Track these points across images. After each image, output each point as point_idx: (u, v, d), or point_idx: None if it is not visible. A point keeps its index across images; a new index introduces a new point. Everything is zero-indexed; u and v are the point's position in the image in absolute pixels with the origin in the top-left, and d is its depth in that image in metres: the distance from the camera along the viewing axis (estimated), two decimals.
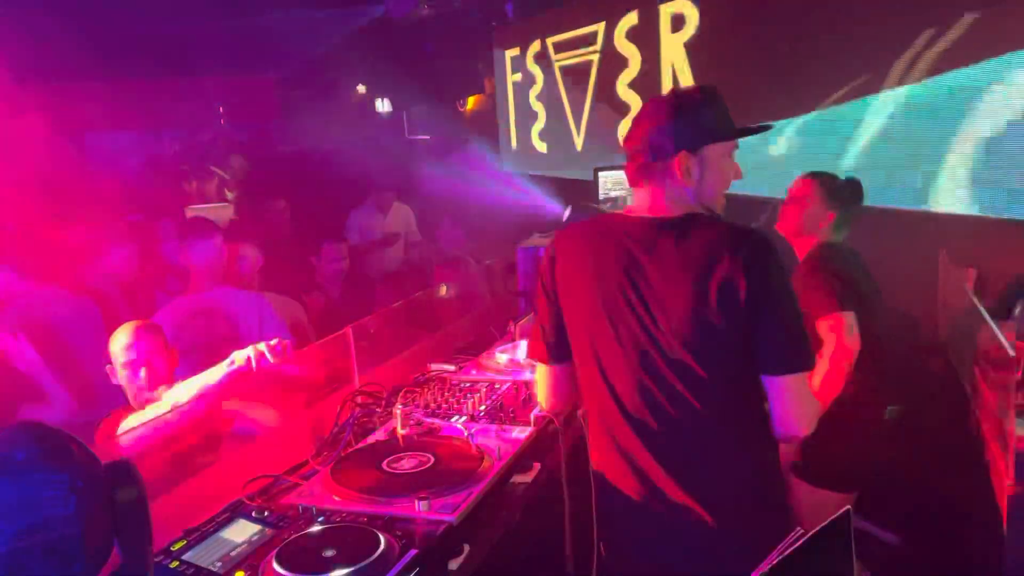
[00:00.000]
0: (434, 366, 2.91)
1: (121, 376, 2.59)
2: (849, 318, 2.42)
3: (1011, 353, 2.10)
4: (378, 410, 2.46)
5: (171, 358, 2.65)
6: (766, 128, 1.80)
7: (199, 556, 1.60)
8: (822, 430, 1.71)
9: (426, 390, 2.60)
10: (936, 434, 3.08)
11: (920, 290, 3.26)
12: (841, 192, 2.66)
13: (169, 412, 2.31)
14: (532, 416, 2.26)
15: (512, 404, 2.40)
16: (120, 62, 7.41)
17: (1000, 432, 2.22)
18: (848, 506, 1.14)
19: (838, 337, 2.41)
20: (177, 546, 1.64)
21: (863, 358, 2.44)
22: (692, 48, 4.72)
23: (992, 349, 2.25)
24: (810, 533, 1.11)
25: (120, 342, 2.58)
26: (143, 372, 2.53)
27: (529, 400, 2.42)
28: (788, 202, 2.71)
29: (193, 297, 3.25)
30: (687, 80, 4.75)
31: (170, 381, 2.63)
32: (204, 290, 3.26)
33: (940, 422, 3.05)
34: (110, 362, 2.61)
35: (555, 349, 1.83)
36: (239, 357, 2.53)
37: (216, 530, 1.71)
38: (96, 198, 4.93)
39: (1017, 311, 2.70)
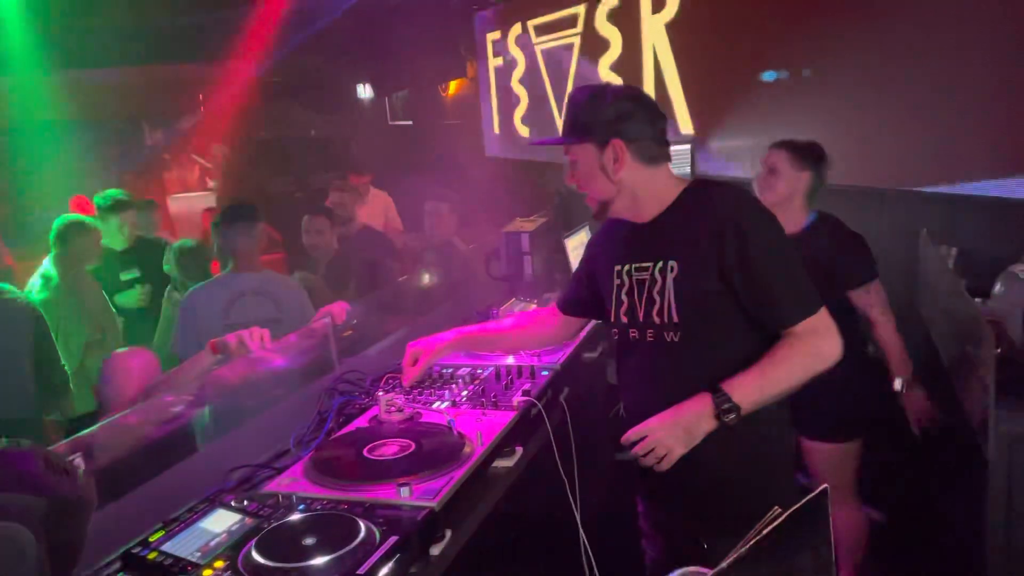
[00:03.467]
0: None
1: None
2: None
3: (990, 330, 2.11)
4: (360, 397, 2.45)
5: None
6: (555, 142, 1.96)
7: (177, 547, 1.58)
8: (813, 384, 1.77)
9: None
10: None
11: (901, 268, 3.27)
12: (809, 153, 2.81)
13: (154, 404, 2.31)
14: (515, 401, 2.26)
15: (494, 389, 2.40)
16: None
17: (979, 408, 2.23)
18: (825, 485, 1.14)
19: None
20: (155, 537, 1.62)
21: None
22: (673, 29, 4.70)
23: (972, 326, 2.25)
24: (787, 512, 1.11)
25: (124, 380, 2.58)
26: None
27: (511, 385, 2.42)
28: (766, 175, 2.82)
29: (243, 276, 3.31)
30: (668, 62, 4.73)
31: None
32: (250, 270, 3.34)
33: None
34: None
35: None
36: (220, 347, 2.52)
37: (195, 520, 1.69)
38: None
39: (996, 289, 2.71)
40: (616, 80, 5.39)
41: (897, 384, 2.73)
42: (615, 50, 5.36)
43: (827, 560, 1.19)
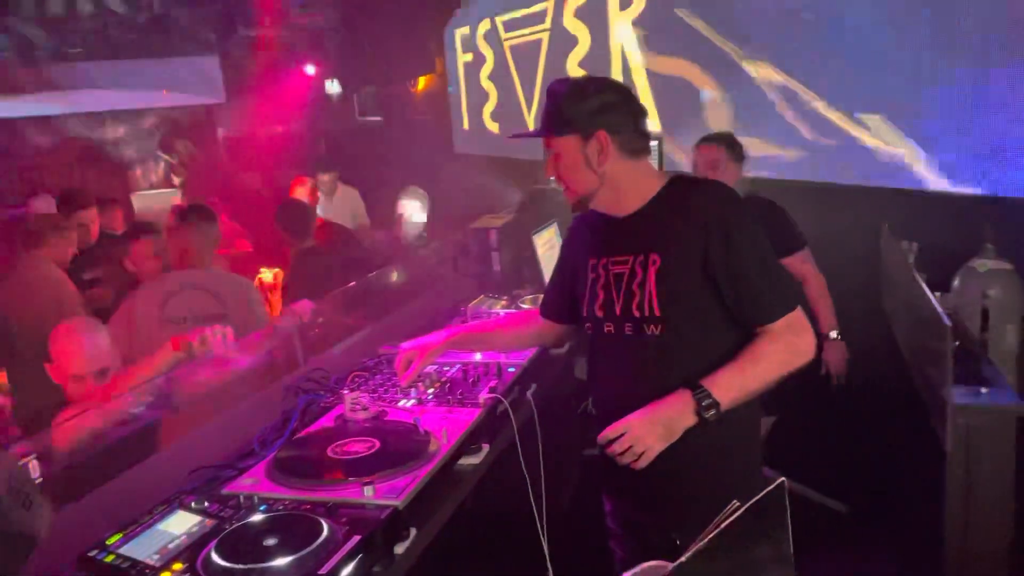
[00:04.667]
0: (384, 350, 2.88)
1: (65, 384, 2.57)
2: None
3: (948, 324, 2.14)
4: (325, 396, 2.43)
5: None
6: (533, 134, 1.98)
7: (135, 549, 1.56)
8: None
9: (375, 374, 2.57)
10: (879, 403, 3.15)
11: (864, 264, 3.31)
12: (740, 146, 3.10)
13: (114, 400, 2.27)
14: (481, 399, 2.25)
15: (461, 387, 2.39)
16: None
17: (938, 400, 2.27)
18: (783, 477, 1.15)
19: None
20: (112, 539, 1.59)
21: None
22: (640, 25, 4.71)
23: (931, 320, 2.29)
24: (746, 505, 1.12)
25: (75, 358, 2.53)
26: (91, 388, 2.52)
27: (478, 382, 2.41)
28: (708, 170, 3.04)
29: (186, 272, 3.31)
30: (636, 58, 4.74)
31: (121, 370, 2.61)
32: (194, 267, 3.34)
33: (882, 391, 3.12)
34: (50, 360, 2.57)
35: None
36: (182, 344, 2.49)
37: (154, 522, 1.66)
38: None
39: (955, 284, 2.76)
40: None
41: (833, 334, 3.10)
42: (583, 46, 5.37)
43: (786, 551, 1.21)
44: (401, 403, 2.29)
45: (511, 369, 2.49)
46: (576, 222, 2.10)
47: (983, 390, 2.23)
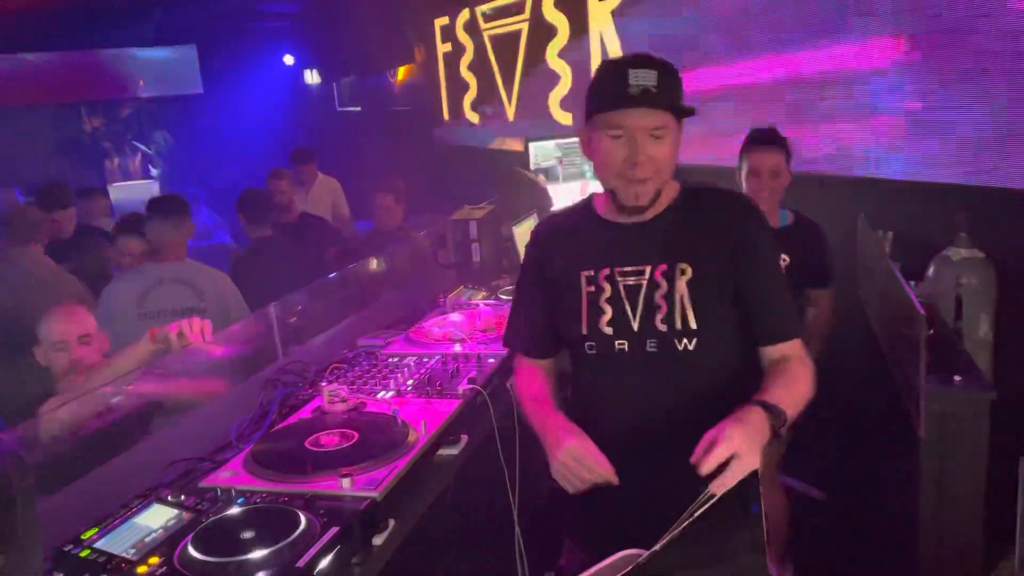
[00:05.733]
0: (362, 341, 2.88)
1: (51, 359, 2.59)
2: None
3: (922, 312, 2.16)
4: (303, 388, 2.42)
5: (101, 339, 2.68)
6: (637, 106, 1.58)
7: (111, 544, 1.55)
8: None
9: (354, 366, 2.56)
10: (854, 391, 3.18)
11: (840, 253, 3.33)
12: (790, 147, 2.86)
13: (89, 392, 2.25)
14: (460, 390, 2.25)
15: (440, 378, 2.39)
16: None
17: (912, 387, 2.29)
18: (755, 467, 1.16)
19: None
20: (88, 534, 1.58)
21: None
22: (619, 15, 4.71)
23: (905, 308, 2.31)
24: (719, 494, 1.13)
25: (55, 325, 2.55)
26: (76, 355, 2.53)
27: (457, 373, 2.41)
28: (768, 179, 2.80)
29: (162, 265, 3.31)
30: (615, 49, 4.74)
31: (100, 361, 2.59)
32: (171, 260, 3.34)
33: (858, 379, 3.15)
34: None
35: None
36: (160, 336, 2.47)
37: (130, 516, 1.65)
38: None
39: (930, 272, 2.79)
40: (565, 68, 5.39)
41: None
42: (563, 37, 5.36)
43: (759, 540, 1.22)
44: (380, 394, 2.29)
45: (491, 360, 2.50)
46: (544, 232, 1.84)
47: (956, 378, 2.26)
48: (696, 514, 1.12)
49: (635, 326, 1.65)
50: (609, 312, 1.67)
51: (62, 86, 8.81)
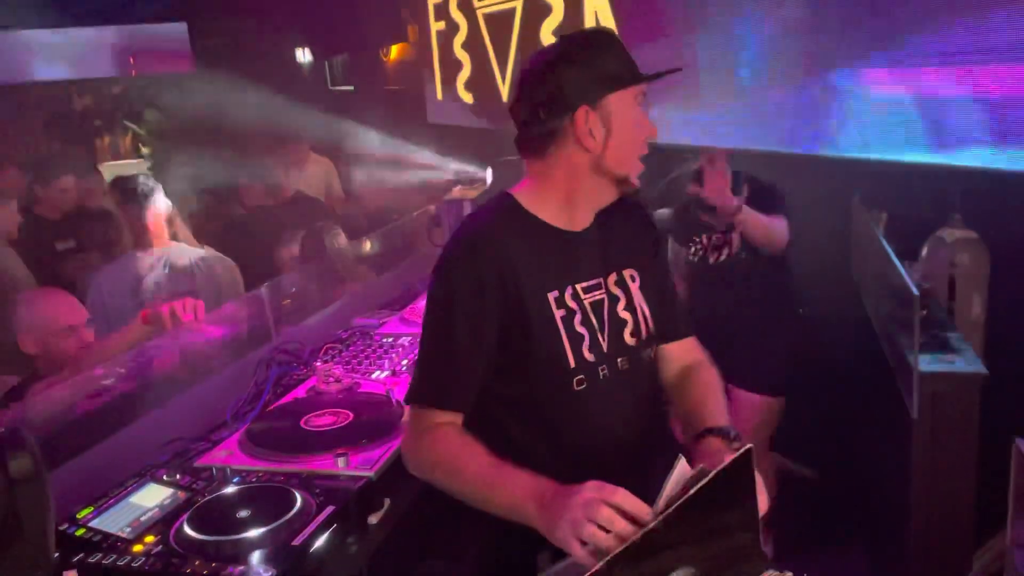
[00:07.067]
0: (357, 322, 2.87)
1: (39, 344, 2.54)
2: None
3: (915, 292, 2.17)
4: (298, 368, 2.42)
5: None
6: (674, 71, 1.51)
7: (107, 522, 1.55)
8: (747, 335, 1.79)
9: (348, 346, 2.56)
10: (847, 371, 3.20)
11: (834, 234, 3.34)
12: None
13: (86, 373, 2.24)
14: None
15: None
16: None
17: (905, 367, 2.30)
18: (750, 444, 1.16)
19: None
20: (83, 513, 1.58)
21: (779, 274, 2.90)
22: None
23: (899, 288, 2.32)
24: (714, 471, 1.14)
25: (49, 310, 2.51)
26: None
27: None
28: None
29: (149, 251, 3.24)
30: (610, 26, 4.71)
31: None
32: (156, 246, 3.26)
33: (851, 359, 3.16)
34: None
35: None
36: (152, 317, 2.46)
37: (126, 495, 1.66)
38: None
39: (923, 252, 2.79)
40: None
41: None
42: (557, 15, 5.32)
43: (753, 516, 1.23)
44: (374, 375, 2.29)
45: None
46: (493, 245, 1.46)
47: (949, 358, 2.27)
48: (691, 491, 1.13)
49: (605, 347, 1.50)
50: (586, 336, 1.48)
51: (50, 63, 8.71)
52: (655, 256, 1.65)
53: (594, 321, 1.49)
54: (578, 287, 1.49)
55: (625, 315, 1.52)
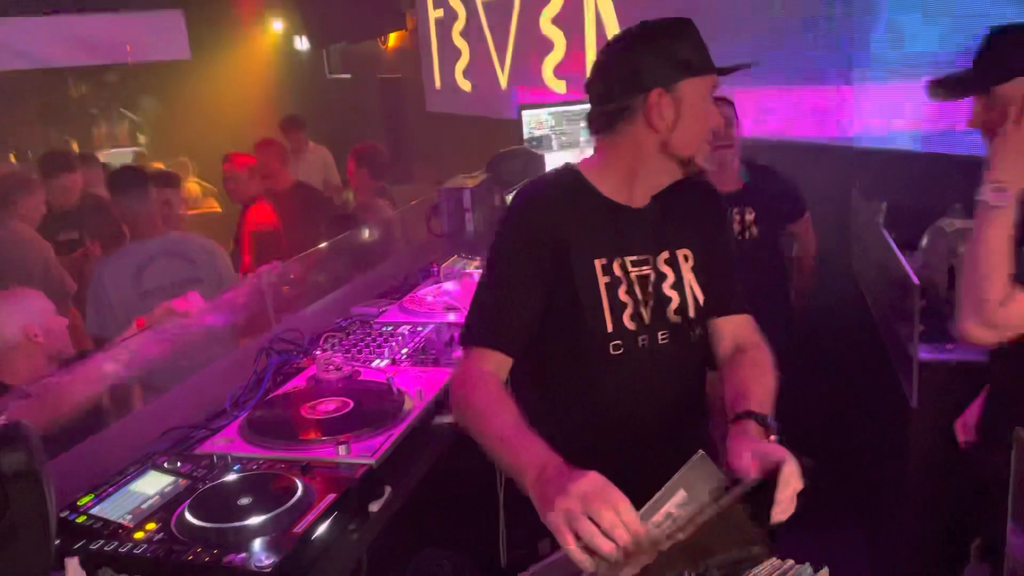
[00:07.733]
0: (356, 310, 2.87)
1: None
2: None
3: (916, 282, 2.17)
4: (298, 356, 2.41)
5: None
6: (750, 65, 1.54)
7: (108, 510, 1.55)
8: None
9: (348, 335, 2.56)
10: (847, 360, 3.21)
11: (834, 223, 3.34)
12: None
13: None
14: (455, 358, 2.25)
15: (435, 347, 2.39)
16: None
17: (905, 356, 2.31)
18: (780, 459, 1.16)
19: None
20: (84, 500, 1.58)
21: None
22: None
23: (899, 278, 2.32)
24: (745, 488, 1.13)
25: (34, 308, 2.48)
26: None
27: (452, 342, 2.41)
28: (724, 128, 2.80)
29: (148, 241, 3.23)
30: (609, 15, 4.69)
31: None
32: (153, 235, 3.25)
33: (851, 348, 3.17)
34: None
35: None
36: (150, 321, 2.46)
37: (126, 482, 1.65)
38: None
39: (923, 243, 2.79)
40: (559, 35, 5.33)
41: None
42: (556, 3, 5.29)
43: (765, 532, 1.22)
44: (375, 363, 2.29)
45: None
46: (549, 202, 1.58)
47: (949, 347, 2.27)
48: (723, 503, 1.13)
49: (647, 318, 1.56)
50: (629, 305, 1.55)
51: (48, 51, 8.67)
52: (718, 235, 1.67)
53: (639, 293, 1.56)
54: (627, 259, 1.56)
55: (671, 293, 1.58)
